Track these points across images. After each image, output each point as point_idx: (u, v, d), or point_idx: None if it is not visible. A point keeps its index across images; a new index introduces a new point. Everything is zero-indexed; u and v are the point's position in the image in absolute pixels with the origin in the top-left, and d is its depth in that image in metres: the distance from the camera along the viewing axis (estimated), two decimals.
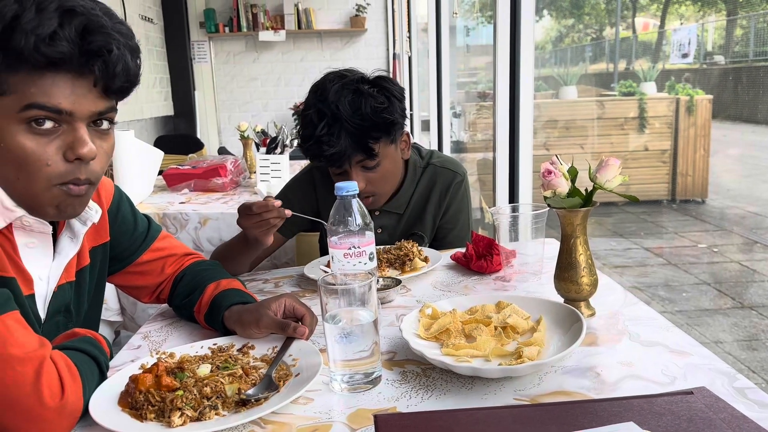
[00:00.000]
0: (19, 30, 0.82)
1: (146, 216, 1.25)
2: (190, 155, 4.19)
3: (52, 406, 0.80)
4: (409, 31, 5.44)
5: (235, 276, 1.26)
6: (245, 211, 1.32)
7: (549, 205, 1.07)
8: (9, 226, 0.93)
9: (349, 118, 1.42)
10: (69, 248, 1.03)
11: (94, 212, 1.03)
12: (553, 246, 1.47)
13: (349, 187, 1.13)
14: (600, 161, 1.05)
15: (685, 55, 6.34)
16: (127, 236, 1.18)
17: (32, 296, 0.97)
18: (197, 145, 5.39)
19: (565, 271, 1.08)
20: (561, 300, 1.11)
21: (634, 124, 6.14)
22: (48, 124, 0.87)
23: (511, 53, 1.91)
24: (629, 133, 6.08)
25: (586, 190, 1.06)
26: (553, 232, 1.32)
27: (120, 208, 1.18)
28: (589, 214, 1.07)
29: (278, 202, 1.29)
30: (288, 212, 1.29)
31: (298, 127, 1.55)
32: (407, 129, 1.58)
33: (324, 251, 1.76)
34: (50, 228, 0.97)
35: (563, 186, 1.03)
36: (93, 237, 1.11)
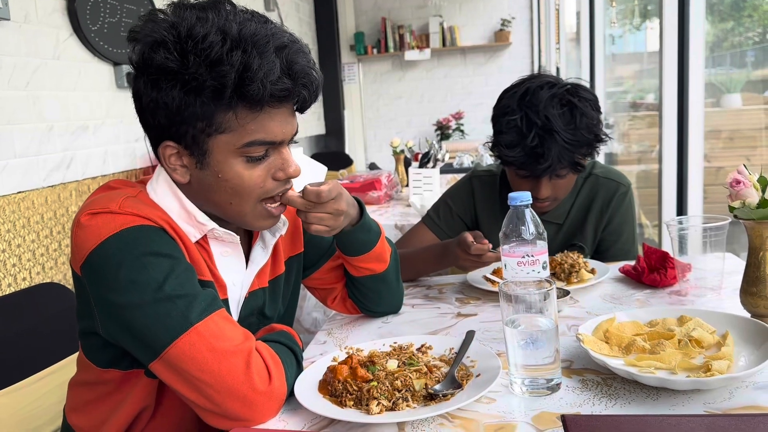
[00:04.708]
0: (250, 79, 0.89)
1: None
2: (341, 171, 4.42)
3: (262, 390, 0.90)
4: (558, 42, 5.36)
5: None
6: (464, 247, 1.37)
7: (736, 216, 1.04)
8: (205, 238, 1.04)
9: (561, 132, 1.39)
10: (260, 257, 1.12)
11: (282, 224, 1.12)
12: (730, 260, 1.40)
13: (522, 198, 1.16)
14: None
15: None
16: (314, 243, 1.26)
17: (226, 300, 1.07)
18: (347, 162, 5.65)
19: (753, 285, 1.04)
20: (747, 315, 1.06)
21: None
22: (261, 153, 0.97)
23: (679, 59, 1.85)
24: None
25: None
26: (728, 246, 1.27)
27: None
28: None
29: (490, 245, 1.34)
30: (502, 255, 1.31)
31: (494, 132, 1.52)
32: None
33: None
34: (237, 237, 1.06)
35: (753, 196, 0.99)
36: (290, 247, 1.21)
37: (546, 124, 1.40)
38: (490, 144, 1.54)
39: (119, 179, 1.06)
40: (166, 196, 1.02)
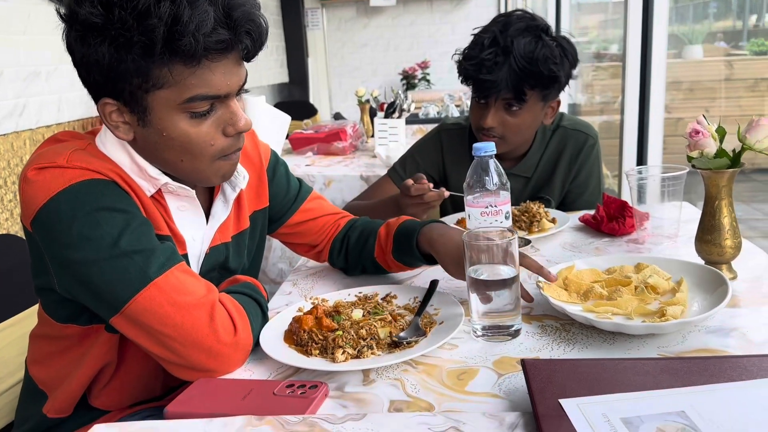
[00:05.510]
0: (180, 32, 0.83)
1: (298, 179, 1.30)
2: (305, 121, 4.35)
3: (227, 342, 0.90)
4: None
5: None
6: (404, 191, 1.37)
7: (694, 166, 1.06)
8: (160, 192, 1.00)
9: (518, 56, 1.44)
10: (221, 212, 1.09)
11: (242, 178, 1.09)
12: (686, 209, 1.44)
13: (486, 148, 1.16)
14: (750, 121, 1.03)
15: None
16: (280, 197, 1.24)
17: (186, 256, 1.05)
18: (311, 111, 5.56)
19: (708, 233, 1.07)
20: (701, 262, 1.10)
21: (766, 86, 5.69)
22: (205, 107, 0.92)
23: (644, 9, 1.84)
24: (761, 95, 5.65)
25: (733, 151, 1.04)
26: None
27: (276, 169, 1.23)
28: (736, 175, 1.05)
29: (431, 184, 1.35)
30: (446, 193, 1.34)
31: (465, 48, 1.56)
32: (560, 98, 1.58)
33: (444, 213, 1.81)
34: (192, 192, 1.03)
35: (711, 146, 1.01)
36: (255, 202, 1.18)
37: (507, 46, 1.45)
38: (459, 56, 1.56)
39: (67, 131, 1.02)
40: (116, 149, 0.98)
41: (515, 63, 1.44)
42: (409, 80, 6.22)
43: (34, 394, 1.08)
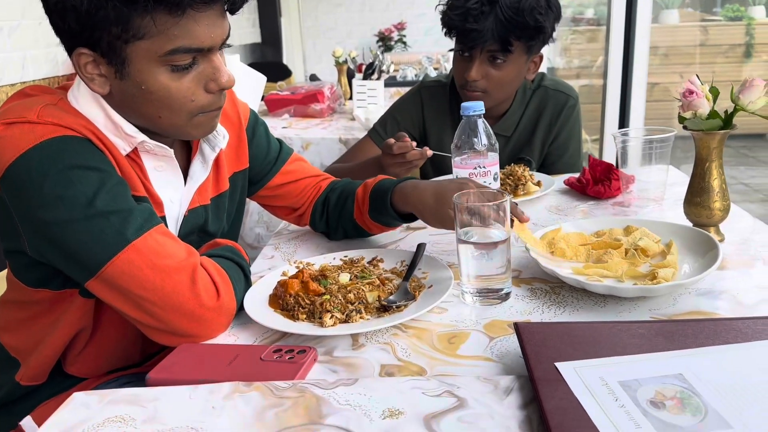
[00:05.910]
0: None
1: (278, 139, 1.26)
2: (279, 83, 4.25)
3: (210, 306, 0.87)
4: None
5: None
6: (387, 150, 1.34)
7: (686, 127, 1.04)
8: (136, 151, 0.96)
9: (505, 6, 1.42)
10: (200, 173, 1.05)
11: (221, 138, 1.05)
12: (670, 172, 1.44)
13: (475, 107, 1.13)
14: (743, 81, 1.01)
15: None
16: (261, 158, 1.19)
17: (163, 218, 1.01)
18: (286, 73, 5.44)
19: (697, 195, 1.06)
20: (690, 225, 1.09)
21: (740, 52, 5.74)
22: (187, 61, 0.88)
23: None
24: (734, 61, 5.69)
25: (725, 112, 1.02)
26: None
27: (256, 129, 1.19)
28: (726, 137, 1.04)
29: (414, 143, 1.31)
30: (429, 152, 1.31)
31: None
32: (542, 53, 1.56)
33: (425, 177, 1.79)
34: (171, 151, 0.99)
35: (704, 107, 0.99)
36: (234, 163, 1.14)
37: None
38: (443, 7, 1.52)
39: (37, 85, 0.96)
40: (90, 105, 0.92)
41: (501, 13, 1.41)
42: (385, 42, 6.12)
43: (6, 361, 1.04)
